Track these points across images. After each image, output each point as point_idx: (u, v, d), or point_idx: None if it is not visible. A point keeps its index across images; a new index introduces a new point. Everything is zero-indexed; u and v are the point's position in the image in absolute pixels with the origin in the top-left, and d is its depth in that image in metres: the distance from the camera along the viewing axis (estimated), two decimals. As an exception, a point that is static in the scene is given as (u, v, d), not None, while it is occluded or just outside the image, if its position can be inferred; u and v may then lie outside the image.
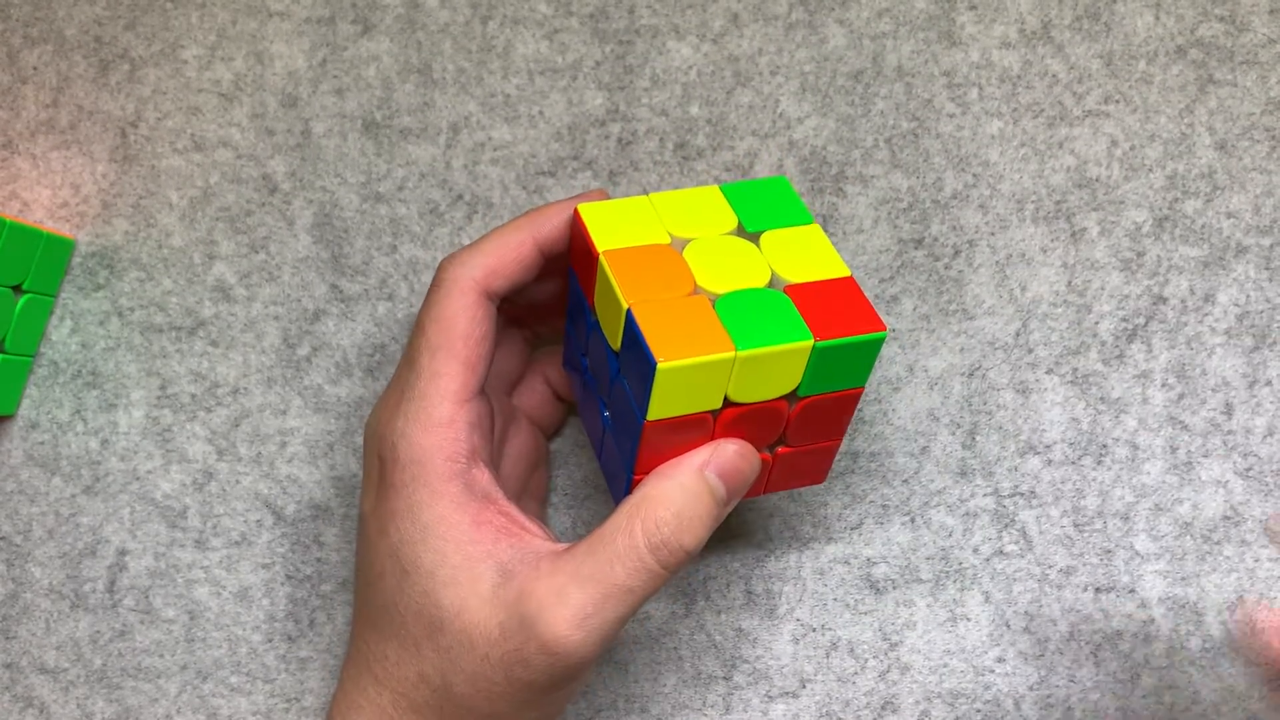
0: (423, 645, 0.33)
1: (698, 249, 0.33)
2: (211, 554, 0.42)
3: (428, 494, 0.33)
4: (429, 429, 0.33)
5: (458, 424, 0.33)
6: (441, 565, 0.33)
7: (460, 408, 0.33)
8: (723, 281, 0.32)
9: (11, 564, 0.43)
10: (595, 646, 0.31)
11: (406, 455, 0.33)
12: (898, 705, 0.40)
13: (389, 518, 0.33)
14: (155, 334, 0.43)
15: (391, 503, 0.33)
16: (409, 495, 0.33)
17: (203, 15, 0.44)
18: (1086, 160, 0.42)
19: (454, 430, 0.33)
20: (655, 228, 0.33)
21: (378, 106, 0.43)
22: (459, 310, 0.34)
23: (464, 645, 0.32)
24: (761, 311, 0.31)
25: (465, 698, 0.33)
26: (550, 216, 0.35)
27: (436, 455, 0.33)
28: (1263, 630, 0.41)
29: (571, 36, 0.43)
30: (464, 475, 0.33)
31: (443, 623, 0.32)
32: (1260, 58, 0.42)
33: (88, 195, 0.44)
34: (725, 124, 0.43)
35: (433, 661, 0.33)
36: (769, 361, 0.31)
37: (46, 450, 0.43)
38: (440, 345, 0.33)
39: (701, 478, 0.32)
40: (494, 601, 0.32)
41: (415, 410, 0.33)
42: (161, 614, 0.42)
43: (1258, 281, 0.41)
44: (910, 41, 0.43)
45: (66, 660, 0.42)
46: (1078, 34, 0.43)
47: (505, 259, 0.34)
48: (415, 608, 0.33)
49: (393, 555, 0.33)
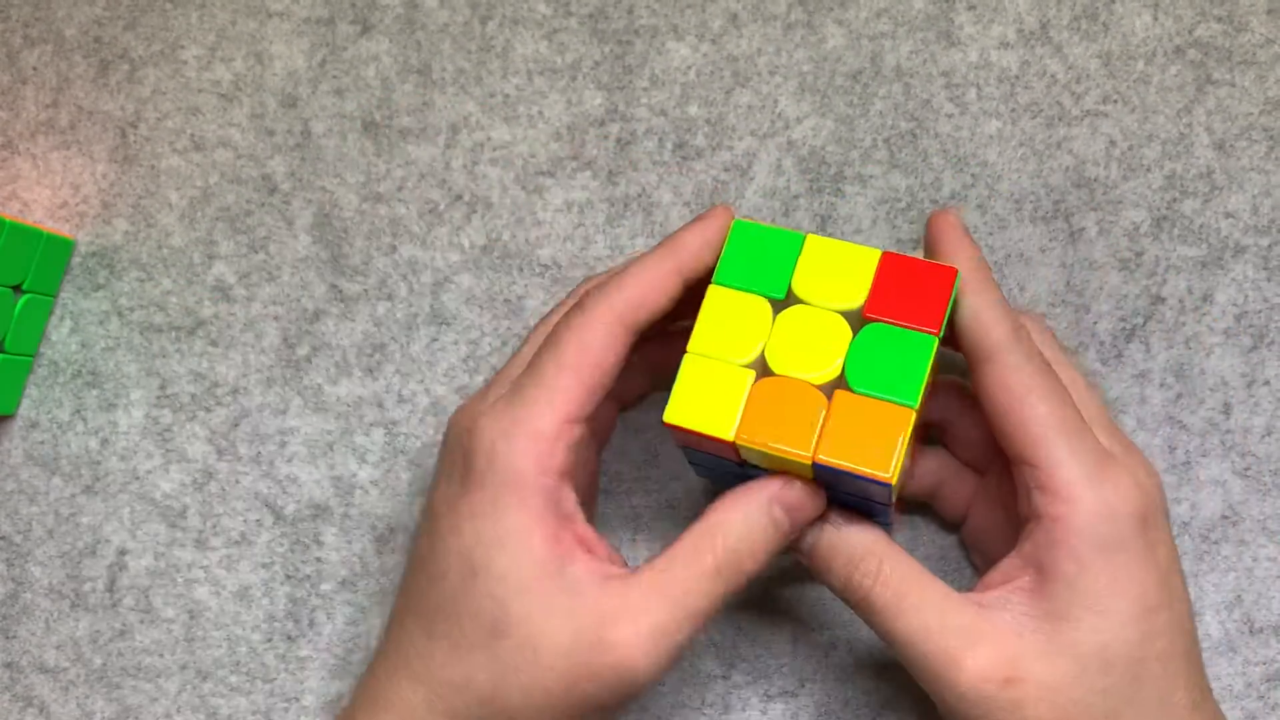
0: (478, 650, 0.33)
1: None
2: (211, 553, 0.42)
3: (515, 500, 0.33)
4: (534, 438, 0.33)
5: (561, 442, 0.33)
6: (514, 571, 0.32)
7: (568, 427, 0.33)
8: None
9: (11, 563, 0.43)
10: (663, 667, 0.32)
11: (505, 459, 0.33)
12: (897, 705, 0.41)
13: (466, 516, 0.33)
14: (155, 334, 0.43)
15: (473, 502, 0.33)
16: (494, 498, 0.33)
17: (202, 15, 0.44)
18: (1085, 160, 0.42)
19: (557, 447, 0.33)
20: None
21: (377, 106, 0.43)
22: (599, 337, 0.34)
23: (527, 654, 0.32)
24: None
25: (516, 709, 0.32)
26: (695, 248, 0.35)
27: (534, 466, 0.33)
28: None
29: (570, 36, 0.43)
30: (554, 492, 0.33)
31: (508, 629, 0.32)
32: (1258, 58, 0.42)
33: (87, 195, 0.44)
34: (724, 124, 0.43)
35: (486, 667, 0.33)
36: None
37: (46, 450, 0.43)
38: (569, 364, 0.33)
39: (768, 510, 0.33)
40: (565, 614, 0.32)
41: (525, 416, 0.33)
42: (161, 613, 0.42)
43: (1256, 281, 0.41)
44: (909, 42, 0.43)
45: (66, 660, 0.42)
46: (1076, 34, 0.43)
47: (652, 293, 0.34)
48: (478, 610, 0.33)
49: (462, 555, 0.33)
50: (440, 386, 0.43)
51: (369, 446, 0.42)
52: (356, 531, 0.42)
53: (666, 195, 0.43)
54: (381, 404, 0.43)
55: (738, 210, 0.43)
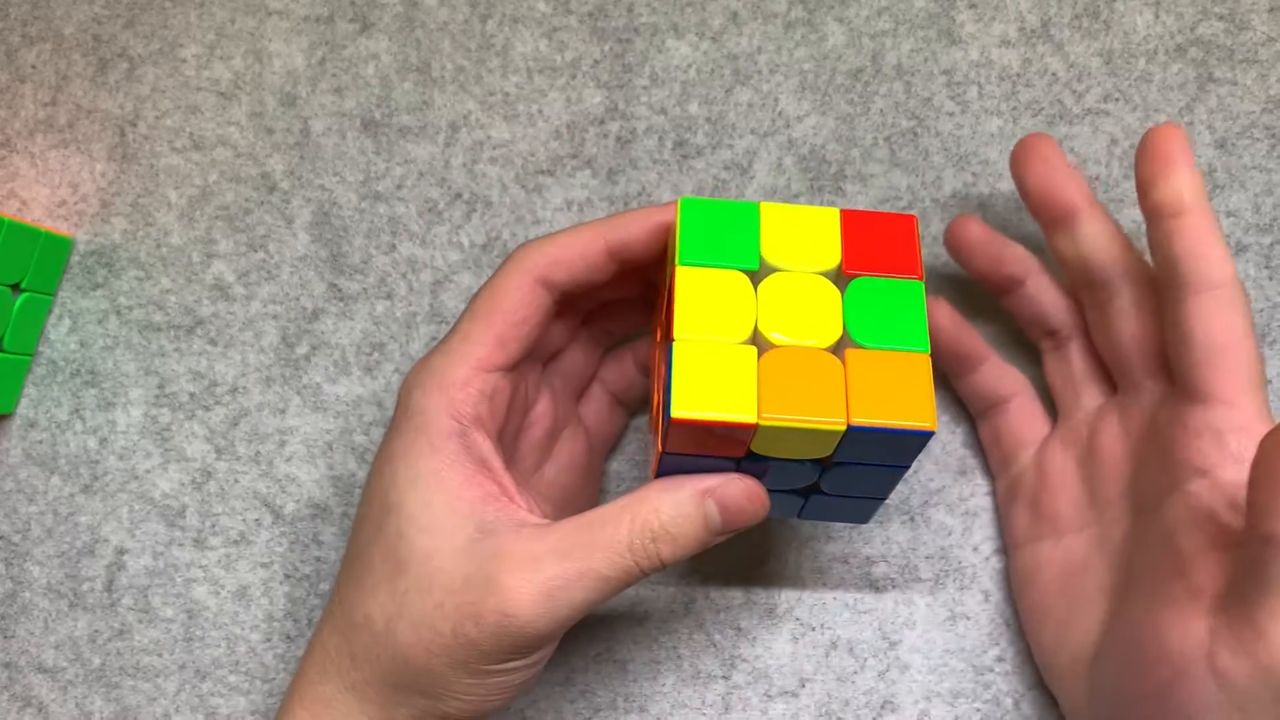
0: (380, 588, 0.33)
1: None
2: (210, 553, 0.42)
3: (426, 445, 0.33)
4: (443, 386, 0.34)
5: (470, 388, 0.34)
6: (423, 512, 0.33)
7: (479, 375, 0.34)
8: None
9: (10, 563, 0.43)
10: (550, 623, 0.31)
11: (418, 404, 0.34)
12: (897, 704, 0.40)
13: (386, 460, 0.34)
14: (154, 333, 0.43)
15: (392, 446, 0.34)
16: (409, 442, 0.34)
17: (201, 14, 0.44)
18: (1086, 158, 0.42)
19: (465, 393, 0.34)
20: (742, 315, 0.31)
21: (376, 105, 0.43)
22: (511, 288, 0.34)
23: (421, 589, 0.32)
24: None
25: (405, 645, 0.32)
26: (627, 222, 0.35)
27: (442, 410, 0.33)
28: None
29: (570, 35, 0.43)
30: (463, 435, 0.33)
31: (409, 565, 0.32)
32: (1260, 56, 0.42)
33: (86, 194, 0.44)
34: (724, 122, 0.43)
35: (383, 604, 0.33)
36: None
37: (45, 449, 0.43)
38: (480, 314, 0.34)
39: (700, 502, 0.32)
40: (466, 553, 0.32)
41: (438, 365, 0.34)
42: (160, 613, 0.42)
43: (1257, 280, 0.41)
44: (910, 40, 0.43)
45: (65, 659, 0.42)
46: (1077, 32, 0.43)
47: (571, 253, 0.34)
48: (386, 549, 0.33)
49: (380, 497, 0.34)
50: (440, 385, 0.42)
51: (368, 446, 0.42)
52: (356, 531, 0.42)
53: (667, 194, 0.43)
54: (381, 403, 0.43)
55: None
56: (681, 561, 0.33)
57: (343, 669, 0.34)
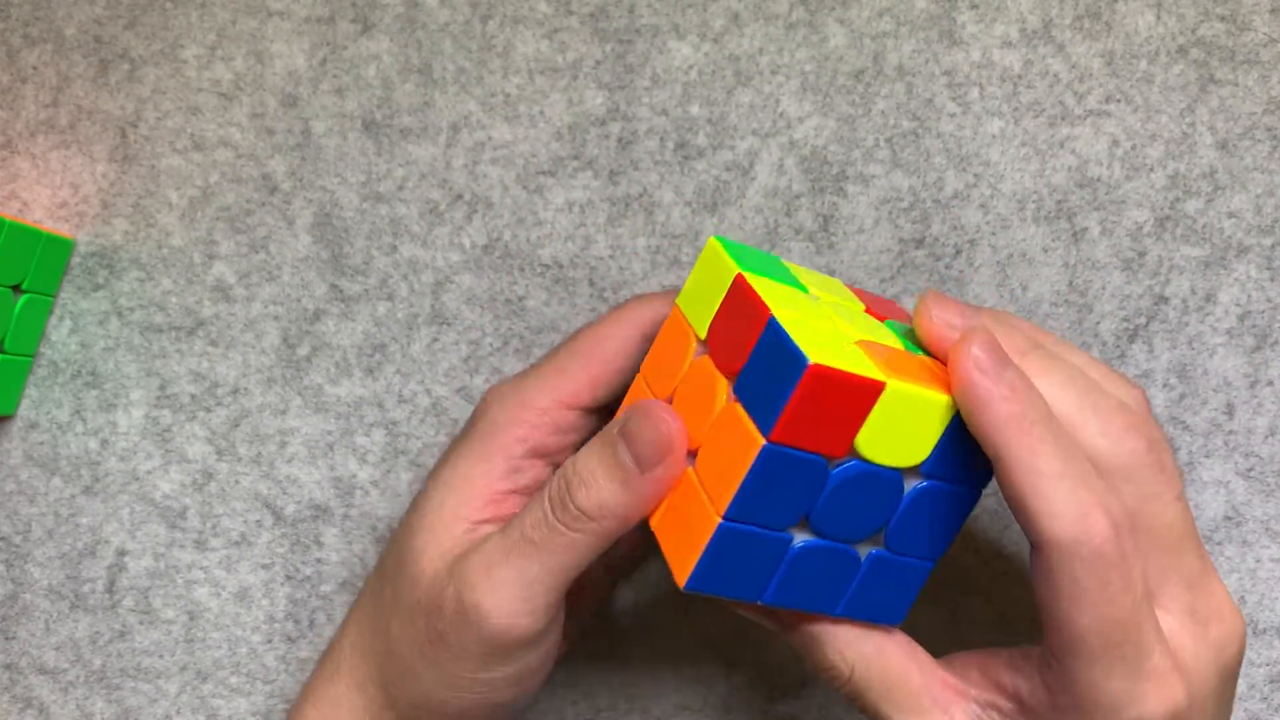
0: (385, 585, 0.34)
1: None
2: (211, 554, 0.42)
3: (479, 453, 0.33)
4: (523, 405, 0.34)
5: (547, 417, 0.33)
6: (434, 511, 0.33)
7: (559, 408, 0.34)
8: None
9: (11, 564, 0.43)
10: (501, 603, 0.30)
11: (494, 416, 0.34)
12: (898, 706, 0.40)
13: (442, 456, 0.34)
14: (155, 334, 0.43)
15: (454, 444, 0.34)
16: (467, 445, 0.34)
17: (202, 15, 0.44)
18: (1088, 160, 0.42)
19: (540, 420, 0.33)
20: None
21: (378, 106, 0.43)
22: (616, 336, 0.34)
23: (409, 586, 0.32)
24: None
25: (396, 641, 0.33)
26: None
27: (512, 429, 0.33)
28: None
29: (571, 36, 0.43)
30: (517, 459, 0.33)
31: (405, 564, 0.33)
32: (1262, 57, 0.42)
33: (87, 195, 0.44)
34: (726, 123, 0.43)
35: (384, 602, 0.33)
36: None
37: (46, 450, 0.43)
38: (581, 353, 0.34)
39: (607, 439, 0.31)
40: (446, 551, 0.32)
41: (526, 387, 0.34)
42: (161, 614, 0.42)
43: (1259, 281, 0.41)
44: (911, 41, 0.43)
45: (66, 661, 0.42)
46: (1079, 33, 0.42)
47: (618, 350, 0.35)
48: (398, 546, 0.33)
49: (416, 501, 0.34)
50: (441, 387, 0.42)
51: (369, 447, 0.42)
52: (357, 533, 0.42)
53: (668, 195, 0.43)
54: (382, 404, 0.43)
55: (740, 210, 0.42)
56: (617, 514, 0.31)
57: (354, 665, 0.34)
